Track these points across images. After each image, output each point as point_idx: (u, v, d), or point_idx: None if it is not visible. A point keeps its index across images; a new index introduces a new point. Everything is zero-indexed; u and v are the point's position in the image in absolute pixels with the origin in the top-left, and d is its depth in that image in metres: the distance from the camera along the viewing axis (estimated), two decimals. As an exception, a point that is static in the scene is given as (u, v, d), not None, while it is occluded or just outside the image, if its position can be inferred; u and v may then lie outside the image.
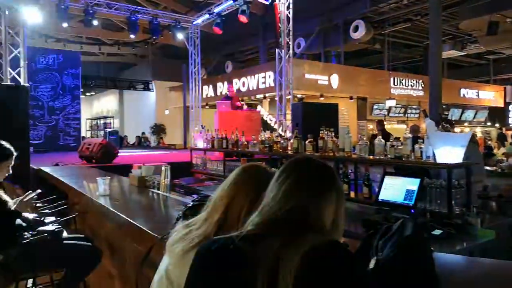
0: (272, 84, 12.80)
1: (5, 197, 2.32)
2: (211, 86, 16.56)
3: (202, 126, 7.44)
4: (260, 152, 5.21)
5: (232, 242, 0.86)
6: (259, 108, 15.64)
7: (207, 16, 11.91)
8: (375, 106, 15.58)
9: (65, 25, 9.96)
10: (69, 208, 3.74)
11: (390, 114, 16.01)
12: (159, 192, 2.93)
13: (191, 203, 1.68)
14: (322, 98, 13.44)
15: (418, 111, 16.76)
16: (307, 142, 4.35)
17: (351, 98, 14.51)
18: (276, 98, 10.37)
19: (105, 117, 21.93)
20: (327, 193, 0.95)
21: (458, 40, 15.98)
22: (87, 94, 24.00)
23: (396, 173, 3.24)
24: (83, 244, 2.56)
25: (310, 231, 0.86)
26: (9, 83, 5.99)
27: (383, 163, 3.33)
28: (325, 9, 13.99)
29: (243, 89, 14.44)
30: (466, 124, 19.12)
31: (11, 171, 2.52)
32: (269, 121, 15.56)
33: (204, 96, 15.62)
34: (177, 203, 2.56)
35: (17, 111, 4.93)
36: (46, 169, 4.94)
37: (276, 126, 14.50)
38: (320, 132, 4.19)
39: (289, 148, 4.57)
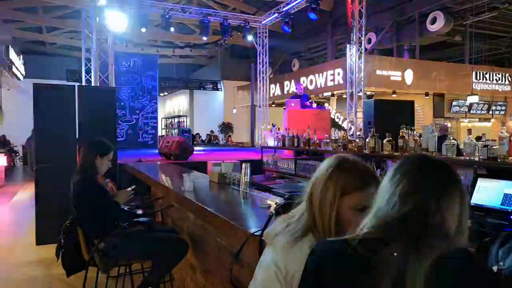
0: (341, 82, 12.49)
1: (108, 189, 2.54)
2: (278, 84, 16.62)
3: (273, 124, 7.49)
4: (333, 151, 5.12)
5: (350, 246, 0.83)
6: (327, 106, 15.38)
7: (275, 15, 11.97)
8: (454, 103, 14.48)
9: (143, 30, 10.67)
10: (153, 202, 4.00)
11: (471, 111, 14.77)
12: (240, 189, 3.00)
13: (284, 201, 1.71)
14: (394, 95, 12.81)
15: (504, 107, 15.27)
16: (385, 141, 4.18)
17: (426, 94, 13.63)
18: (345, 96, 10.11)
19: (178, 116, 23.10)
20: (450, 194, 0.87)
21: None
22: (161, 94, 25.46)
23: (490, 175, 2.98)
24: (172, 237, 2.71)
25: (434, 236, 0.81)
26: (99, 85, 6.61)
27: (475, 165, 3.07)
28: (398, 1, 13.31)
29: (311, 87, 14.29)
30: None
31: (110, 165, 2.74)
32: (336, 119, 15.24)
33: (271, 94, 15.72)
34: (260, 200, 2.61)
35: (107, 112, 5.37)
36: (131, 164, 5.33)
37: (344, 125, 14.17)
38: (400, 130, 4.00)
39: (366, 147, 4.42)
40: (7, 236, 5.59)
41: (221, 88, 21.09)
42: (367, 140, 4.42)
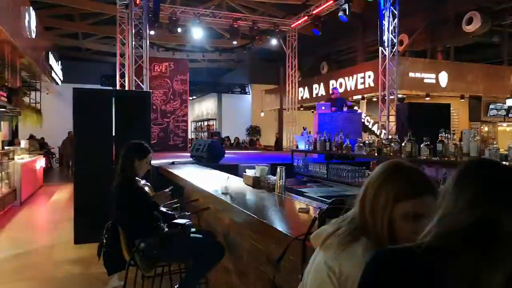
0: (372, 84, 12.27)
1: (148, 190, 2.59)
2: (306, 88, 16.53)
3: (304, 128, 7.44)
4: (367, 155, 5.03)
5: (415, 255, 0.80)
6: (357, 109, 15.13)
7: (305, 18, 11.92)
8: (491, 106, 13.90)
9: (175, 34, 10.93)
10: (186, 204, 4.04)
11: (510, 115, 14.14)
12: (275, 192, 2.99)
13: (327, 206, 1.69)
14: (428, 98, 12.45)
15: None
16: (422, 145, 4.06)
17: (462, 97, 13.17)
18: (376, 99, 9.91)
19: (208, 119, 23.41)
20: None
21: None
22: (190, 98, 25.92)
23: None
24: (209, 240, 2.73)
25: (507, 248, 0.77)
26: (134, 89, 6.80)
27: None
28: (432, 2, 12.95)
29: (340, 90, 14.11)
30: None
31: (149, 167, 2.80)
32: (366, 123, 14.96)
33: (300, 98, 15.66)
34: (297, 204, 2.59)
35: (142, 115, 5.50)
36: (165, 166, 5.43)
37: (375, 128, 13.88)
38: (440, 135, 3.88)
39: (402, 152, 4.31)
40: (47, 235, 5.82)
41: (249, 92, 21.21)
42: (403, 144, 4.31)
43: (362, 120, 14.09)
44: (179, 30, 10.76)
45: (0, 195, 6.81)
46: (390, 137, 6.55)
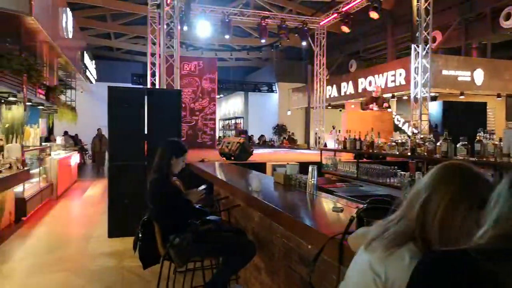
0: (403, 82, 11.97)
1: (181, 187, 2.64)
2: (334, 86, 16.33)
3: (333, 126, 7.36)
4: (399, 154, 4.92)
5: (471, 258, 0.76)
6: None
7: (335, 15, 11.77)
8: (530, 105, 13.30)
9: (206, 34, 11.06)
10: (217, 201, 4.08)
11: (550, 114, 13.46)
12: (306, 191, 2.98)
13: (366, 206, 1.66)
14: (462, 97, 12.02)
15: None
16: (459, 145, 3.93)
17: (498, 96, 12.63)
18: (406, 97, 9.66)
19: (235, 118, 23.56)
20: None
21: None
22: (217, 96, 26.18)
23: None
24: (241, 237, 2.75)
25: None
26: (165, 88, 6.94)
27: None
28: (467, -3, 12.51)
29: (370, 88, 13.86)
30: None
31: (184, 165, 2.85)
32: (396, 122, 14.62)
33: (328, 96, 15.49)
34: (330, 203, 2.56)
35: (172, 113, 5.60)
36: (195, 164, 5.51)
37: (405, 127, 13.55)
38: (478, 134, 3.75)
39: (437, 151, 4.18)
40: (82, 228, 6.04)
41: (276, 90, 21.18)
42: (438, 144, 4.19)
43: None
44: (207, 31, 10.88)
45: (38, 189, 7.11)
46: (422, 136, 6.38)
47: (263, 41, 12.09)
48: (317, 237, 1.89)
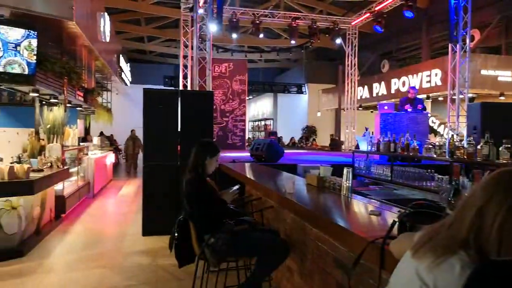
0: (439, 83, 11.58)
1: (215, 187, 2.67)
2: (366, 87, 16.02)
3: (366, 128, 7.21)
4: (437, 157, 4.75)
5: None
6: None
7: (367, 15, 11.56)
8: None
9: (234, 36, 11.15)
10: (249, 202, 4.09)
11: None
12: (341, 194, 2.93)
13: (409, 210, 1.61)
14: (502, 98, 11.49)
15: None
16: (501, 148, 3.76)
17: (542, 96, 11.99)
18: (442, 98, 9.33)
19: (265, 119, 23.61)
20: None
21: None
22: (247, 98, 26.34)
23: None
24: (275, 238, 2.75)
25: None
26: (198, 89, 7.06)
27: None
28: (507, -7, 11.94)
29: (403, 89, 13.51)
30: None
31: (217, 165, 2.88)
32: (431, 124, 14.16)
33: (359, 97, 15.22)
34: (366, 206, 2.51)
35: (205, 114, 5.67)
36: (227, 165, 5.55)
37: (441, 129, 13.09)
38: (523, 137, 3.57)
39: (477, 154, 4.01)
40: (117, 226, 6.22)
41: (305, 91, 21.03)
42: (479, 146, 4.01)
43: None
44: (234, 35, 10.97)
45: (76, 188, 7.40)
46: (458, 139, 6.14)
47: (293, 42, 12.04)
48: (355, 240, 1.85)
